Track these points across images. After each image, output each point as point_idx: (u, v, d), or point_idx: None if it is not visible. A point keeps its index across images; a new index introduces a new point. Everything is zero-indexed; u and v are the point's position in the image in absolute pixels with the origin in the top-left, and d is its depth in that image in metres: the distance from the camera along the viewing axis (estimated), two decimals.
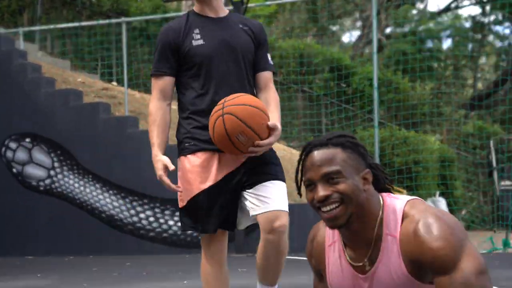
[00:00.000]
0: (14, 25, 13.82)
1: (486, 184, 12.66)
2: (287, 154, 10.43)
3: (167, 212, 8.59)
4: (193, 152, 3.15)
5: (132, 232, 8.63)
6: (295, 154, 10.20)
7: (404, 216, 1.73)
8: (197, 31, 3.18)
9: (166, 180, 3.11)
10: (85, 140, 8.94)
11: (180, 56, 3.18)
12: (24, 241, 8.90)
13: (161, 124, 3.21)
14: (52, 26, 11.76)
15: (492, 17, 19.00)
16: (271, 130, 2.99)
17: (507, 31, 19.91)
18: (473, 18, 19.60)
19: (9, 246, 8.85)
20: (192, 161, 3.14)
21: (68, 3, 14.88)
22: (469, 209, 12.39)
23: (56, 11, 14.80)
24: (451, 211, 11.51)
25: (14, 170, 9.05)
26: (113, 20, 11.47)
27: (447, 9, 20.33)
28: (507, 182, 12.50)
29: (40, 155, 9.02)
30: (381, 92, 10.94)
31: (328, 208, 1.71)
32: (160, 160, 3.12)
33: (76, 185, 8.87)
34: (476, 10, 19.99)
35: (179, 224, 8.36)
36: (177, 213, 8.29)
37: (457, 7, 20.31)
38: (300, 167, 1.83)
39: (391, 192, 1.87)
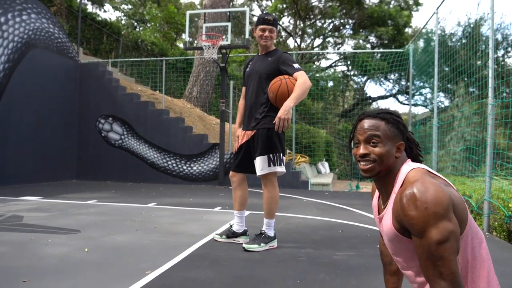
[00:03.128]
0: (106, 57, 13.28)
1: (348, 156, 12.59)
2: None
3: (182, 161, 8.19)
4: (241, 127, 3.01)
5: (163, 171, 8.21)
6: None
7: (405, 181, 1.20)
8: (251, 63, 3.01)
9: (235, 144, 2.96)
10: (141, 120, 8.49)
11: (244, 76, 3.03)
12: (107, 172, 8.46)
13: (240, 111, 3.03)
14: (126, 59, 11.14)
15: (352, 72, 18.94)
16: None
17: (359, 79, 19.96)
18: (343, 72, 19.53)
19: (96, 174, 8.45)
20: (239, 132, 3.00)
21: (136, 48, 14.34)
22: (340, 169, 12.29)
23: (129, 51, 14.24)
24: (331, 169, 11.49)
25: (103, 134, 8.50)
26: (159, 58, 10.92)
27: (330, 66, 20.22)
28: None
29: (117, 127, 8.51)
30: (297, 106, 10.67)
31: (364, 163, 1.25)
32: (236, 132, 2.98)
33: (135, 144, 8.40)
34: (344, 68, 19.98)
35: (189, 168, 8.09)
36: (188, 162, 8.10)
37: (335, 65, 20.29)
38: (353, 129, 1.33)
39: (420, 161, 1.33)
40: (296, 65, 2.77)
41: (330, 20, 21.40)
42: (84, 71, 8.82)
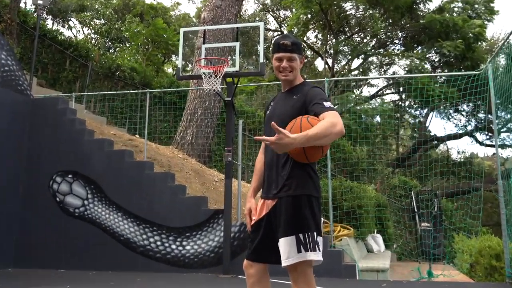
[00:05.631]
0: (69, 89, 13.52)
1: (411, 225, 12.15)
2: None
3: (171, 238, 7.87)
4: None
5: (142, 253, 7.87)
6: None
7: None
8: (272, 103, 3.02)
9: (247, 219, 2.94)
10: (113, 178, 8.34)
11: (265, 123, 3.06)
12: (58, 257, 8.16)
13: (257, 172, 3.04)
14: (96, 93, 11.23)
15: (407, 103, 18.88)
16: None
17: (417, 112, 19.89)
18: (394, 102, 19.52)
19: (47, 260, 8.15)
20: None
21: (109, 77, 14.55)
22: (399, 244, 11.83)
23: (100, 81, 14.46)
24: (386, 245, 11.11)
25: (58, 199, 8.34)
26: (141, 91, 10.97)
27: (376, 94, 20.29)
28: (426, 224, 11.99)
29: (78, 188, 8.38)
30: (331, 152, 10.49)
31: None
32: (249, 203, 2.97)
33: (103, 213, 8.17)
34: (395, 97, 20.02)
35: (180, 248, 7.75)
36: (179, 239, 7.75)
37: (382, 94, 20.32)
38: None
39: None
40: (327, 103, 2.73)
41: (372, 34, 21.71)
42: (37, 109, 8.84)
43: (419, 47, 21.17)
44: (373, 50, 22.30)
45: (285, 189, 2.73)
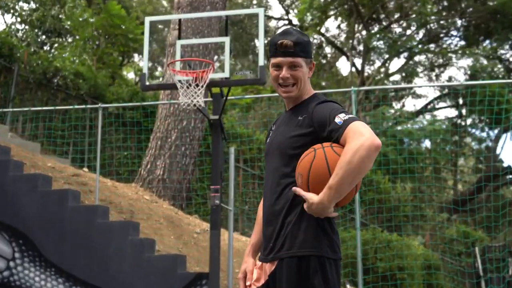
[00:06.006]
0: None
1: None
2: None
3: None
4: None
5: None
6: None
7: None
8: (274, 127, 3.15)
9: (241, 284, 3.05)
10: (51, 229, 8.47)
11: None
12: None
13: (259, 222, 3.12)
14: (25, 109, 11.46)
15: (469, 120, 19.17)
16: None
17: (484, 133, 20.07)
18: (450, 119, 19.79)
19: None
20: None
21: (44, 85, 14.79)
22: None
23: (30, 92, 14.69)
24: None
25: None
26: (90, 106, 11.21)
27: (425, 109, 20.53)
28: None
29: (1, 245, 8.46)
30: (361, 191, 10.69)
31: None
32: (245, 264, 3.08)
33: (37, 278, 8.33)
34: (453, 113, 20.18)
35: None
36: None
37: (434, 109, 20.55)
38: None
39: None
40: (341, 117, 2.75)
41: (419, 22, 22.02)
42: None
43: (487, 41, 21.51)
44: (420, 46, 22.60)
45: (286, 246, 2.79)
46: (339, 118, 2.71)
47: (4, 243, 8.51)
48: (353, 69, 22.88)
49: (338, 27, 25.08)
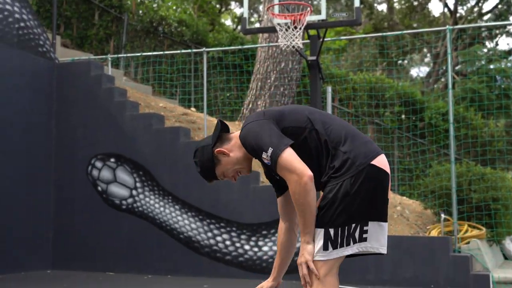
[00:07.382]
0: (101, 50, 14.34)
1: None
2: None
3: (243, 236, 8.51)
4: None
5: (208, 255, 8.58)
6: None
7: None
8: None
9: None
10: (166, 162, 9.01)
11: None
12: (105, 257, 8.98)
13: (279, 245, 3.29)
14: (137, 54, 12.02)
15: None
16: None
17: None
18: None
19: (92, 261, 8.99)
20: None
21: (151, 33, 15.33)
22: None
23: (139, 39, 15.25)
24: None
25: (99, 188, 9.19)
26: (195, 50, 11.63)
27: None
28: None
29: (123, 175, 9.13)
30: (455, 127, 10.74)
31: None
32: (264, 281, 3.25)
33: (157, 205, 8.92)
34: None
35: (255, 249, 8.36)
36: (253, 238, 8.38)
37: None
38: None
39: None
40: (265, 157, 2.83)
41: None
42: (64, 76, 9.57)
43: None
44: None
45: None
46: (265, 159, 2.80)
47: (127, 174, 9.12)
48: (446, 10, 22.34)
49: None
